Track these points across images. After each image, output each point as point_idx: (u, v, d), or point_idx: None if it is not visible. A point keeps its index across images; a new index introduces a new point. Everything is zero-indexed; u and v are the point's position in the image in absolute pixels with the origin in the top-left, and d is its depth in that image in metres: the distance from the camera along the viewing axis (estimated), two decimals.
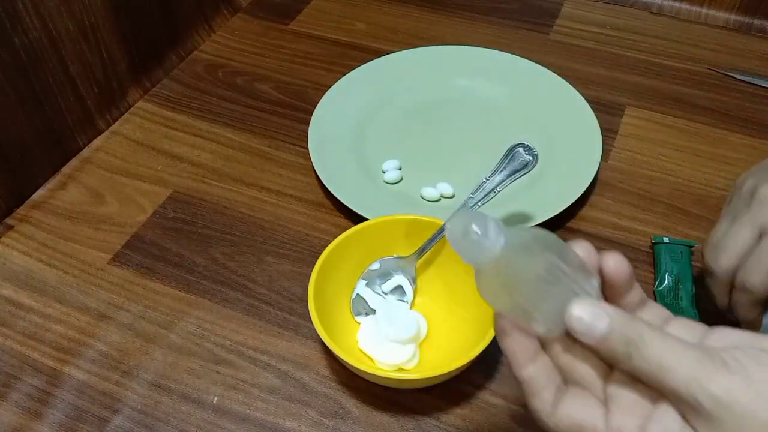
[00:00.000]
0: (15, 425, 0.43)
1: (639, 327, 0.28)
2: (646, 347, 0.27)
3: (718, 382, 0.25)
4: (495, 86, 0.66)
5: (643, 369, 0.27)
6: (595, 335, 0.28)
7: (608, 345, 0.28)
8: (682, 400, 0.26)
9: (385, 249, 0.48)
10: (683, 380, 0.26)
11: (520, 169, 0.50)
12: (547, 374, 0.30)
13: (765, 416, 0.24)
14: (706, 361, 0.26)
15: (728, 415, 0.25)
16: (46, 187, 0.59)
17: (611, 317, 0.28)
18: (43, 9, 0.55)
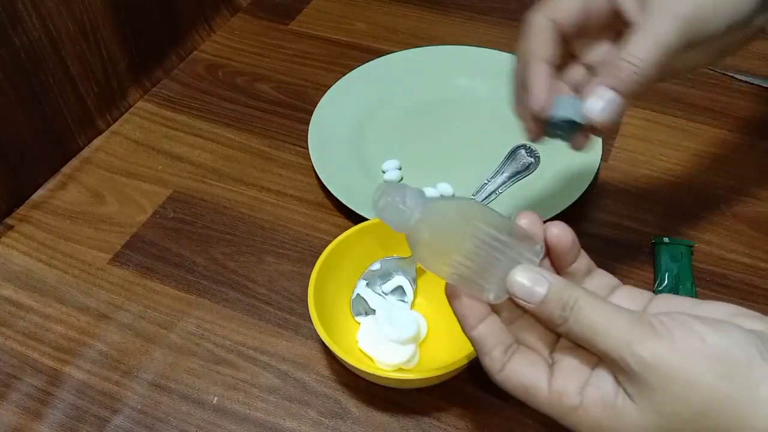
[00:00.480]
0: (15, 425, 0.43)
1: (575, 292, 0.29)
2: (581, 312, 0.29)
3: (645, 345, 0.27)
4: (495, 86, 0.66)
5: (578, 333, 0.29)
6: (534, 299, 0.30)
7: (546, 309, 0.29)
8: (613, 363, 0.28)
9: (385, 249, 0.48)
10: (613, 343, 0.27)
11: (522, 171, 0.50)
12: (496, 335, 0.31)
13: (686, 377, 0.26)
14: (636, 326, 0.27)
15: (654, 376, 0.26)
16: (46, 187, 0.59)
17: (550, 282, 0.30)
18: (43, 9, 0.55)
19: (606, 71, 0.34)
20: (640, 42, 0.33)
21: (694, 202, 0.56)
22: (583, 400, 0.28)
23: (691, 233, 0.53)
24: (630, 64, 0.33)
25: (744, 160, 0.60)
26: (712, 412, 0.26)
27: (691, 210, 0.55)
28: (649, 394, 0.27)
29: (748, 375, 0.26)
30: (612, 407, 0.28)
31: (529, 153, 0.53)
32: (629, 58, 0.33)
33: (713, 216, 0.55)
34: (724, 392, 0.26)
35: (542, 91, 0.35)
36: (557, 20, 0.35)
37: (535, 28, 0.35)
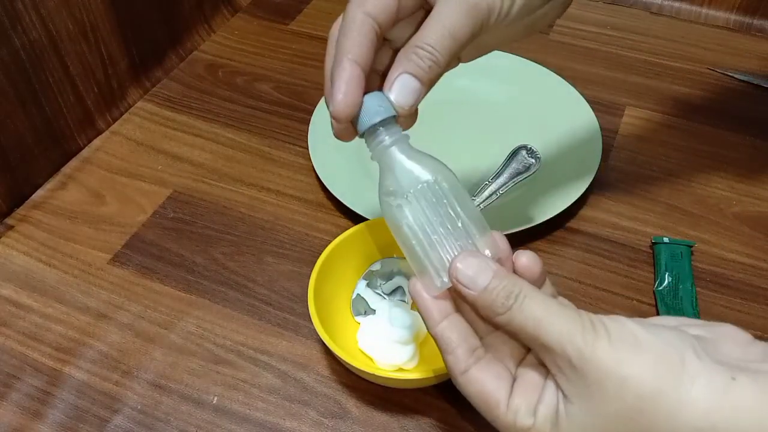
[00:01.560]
0: (15, 425, 0.43)
1: (521, 283, 0.30)
2: (526, 301, 0.29)
3: (585, 340, 0.27)
4: (495, 86, 0.66)
5: (520, 323, 0.29)
6: (478, 286, 0.30)
7: (490, 296, 0.29)
8: (553, 358, 0.28)
9: (386, 249, 0.48)
10: (557, 336, 0.28)
11: (523, 172, 0.50)
12: (461, 333, 0.31)
13: (620, 373, 0.26)
14: (578, 321, 0.28)
15: (592, 371, 0.27)
16: (46, 187, 0.59)
17: (495, 271, 0.30)
18: (43, 9, 0.55)
19: (405, 59, 0.33)
20: (432, 29, 0.33)
21: (694, 202, 0.56)
22: (536, 422, 0.29)
23: (691, 233, 0.53)
24: (425, 51, 0.33)
25: (744, 160, 0.60)
26: (646, 410, 0.26)
27: (691, 210, 0.55)
28: (587, 393, 0.27)
29: (681, 372, 0.26)
30: (555, 423, 0.28)
31: (530, 154, 0.53)
32: (424, 46, 0.33)
33: (713, 216, 0.55)
34: (655, 389, 0.26)
35: (346, 96, 0.33)
36: (375, 16, 0.33)
37: (352, 23, 0.33)
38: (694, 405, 0.26)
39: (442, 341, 0.32)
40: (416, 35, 0.34)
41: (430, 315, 0.32)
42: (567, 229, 0.54)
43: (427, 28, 0.34)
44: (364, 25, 0.33)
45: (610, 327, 0.28)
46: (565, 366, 0.28)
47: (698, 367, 0.26)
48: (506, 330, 0.30)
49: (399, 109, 0.34)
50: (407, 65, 0.33)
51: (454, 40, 0.33)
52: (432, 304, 0.32)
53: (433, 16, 0.34)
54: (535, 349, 0.30)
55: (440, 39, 0.33)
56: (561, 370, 0.28)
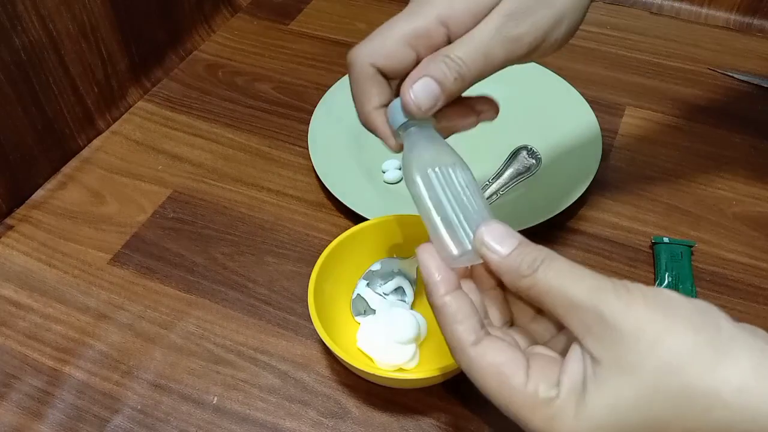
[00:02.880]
0: (15, 425, 0.43)
1: (546, 250, 0.29)
2: (552, 263, 0.28)
3: (618, 295, 0.26)
4: (495, 86, 0.66)
5: (547, 284, 0.27)
6: (504, 249, 0.29)
7: (516, 259, 0.29)
8: (583, 312, 0.26)
9: (386, 249, 0.48)
10: (586, 291, 0.26)
11: (524, 172, 0.50)
12: (470, 306, 0.30)
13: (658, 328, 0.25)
14: (607, 280, 0.27)
15: (627, 324, 0.25)
16: (46, 187, 0.59)
17: (521, 238, 0.30)
18: (43, 9, 0.55)
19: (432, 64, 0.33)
20: (467, 45, 0.33)
21: (694, 202, 0.56)
22: (560, 393, 0.27)
23: (691, 233, 0.53)
24: (454, 62, 0.33)
25: (744, 160, 0.60)
26: (683, 367, 0.25)
27: (691, 210, 0.55)
28: (620, 351, 0.25)
29: (717, 333, 0.25)
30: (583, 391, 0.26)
31: (530, 154, 0.53)
32: (454, 57, 0.33)
33: (713, 216, 0.55)
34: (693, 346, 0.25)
35: (390, 139, 0.36)
36: (382, 68, 0.34)
37: (361, 77, 0.35)
38: (735, 365, 0.24)
39: (450, 309, 0.29)
40: (449, 45, 0.33)
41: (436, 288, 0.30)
42: (567, 229, 0.54)
43: (462, 42, 0.33)
44: (376, 76, 0.34)
45: (643, 288, 0.27)
46: (596, 323, 0.26)
47: (734, 331, 0.25)
48: (529, 295, 0.28)
49: (414, 109, 0.33)
50: (433, 70, 0.33)
51: (486, 63, 0.33)
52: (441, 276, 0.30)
53: (471, 34, 0.33)
54: (561, 312, 0.27)
55: (473, 56, 0.33)
56: (590, 330, 0.26)
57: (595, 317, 0.26)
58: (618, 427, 0.26)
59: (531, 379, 0.27)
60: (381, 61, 0.34)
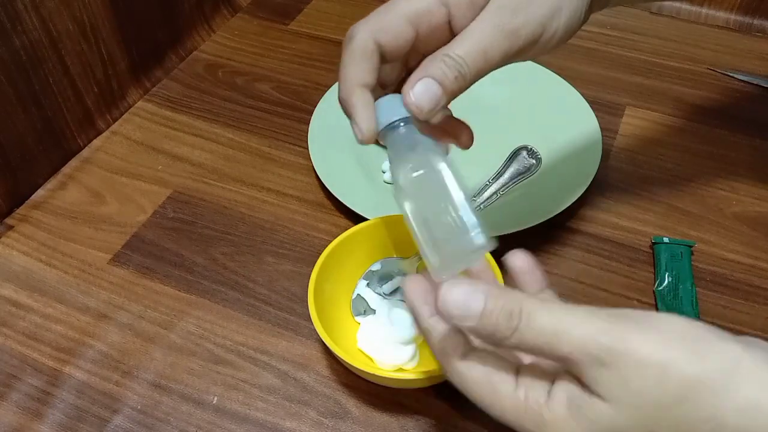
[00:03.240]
0: (15, 425, 0.43)
1: (519, 297, 0.27)
2: (532, 315, 0.26)
3: (612, 334, 0.25)
4: (495, 86, 0.66)
5: (532, 339, 0.26)
6: (472, 314, 0.27)
7: (490, 322, 0.27)
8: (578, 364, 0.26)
9: (386, 249, 0.48)
10: (578, 340, 0.25)
11: (524, 172, 0.50)
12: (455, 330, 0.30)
13: (660, 359, 0.25)
14: (595, 320, 0.26)
15: (627, 363, 0.25)
16: (46, 187, 0.59)
17: (485, 293, 0.27)
18: (43, 9, 0.55)
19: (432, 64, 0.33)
20: (466, 42, 0.32)
21: (694, 202, 0.56)
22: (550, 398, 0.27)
23: (691, 233, 0.53)
24: (454, 61, 0.32)
25: (744, 160, 0.60)
26: (691, 396, 0.24)
27: (691, 210, 0.55)
28: (623, 386, 0.25)
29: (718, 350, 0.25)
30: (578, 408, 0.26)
31: (530, 154, 0.53)
32: (454, 56, 0.32)
33: (713, 216, 0.55)
34: (700, 372, 0.25)
35: (365, 121, 0.34)
36: (383, 44, 0.33)
37: (358, 50, 0.33)
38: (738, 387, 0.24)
39: (436, 331, 0.30)
40: (448, 45, 0.33)
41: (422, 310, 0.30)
42: (567, 229, 0.54)
43: (460, 40, 0.33)
44: (374, 54, 0.33)
45: (634, 315, 0.26)
46: (595, 369, 0.25)
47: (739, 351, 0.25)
48: (522, 350, 0.28)
49: (416, 110, 0.33)
50: (433, 70, 0.32)
51: (485, 60, 0.33)
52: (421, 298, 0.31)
53: (469, 31, 0.33)
54: (556, 362, 0.27)
55: (472, 54, 0.32)
56: (591, 377, 0.26)
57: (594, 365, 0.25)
58: None
59: (520, 385, 0.27)
60: (383, 36, 0.33)
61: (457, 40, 0.33)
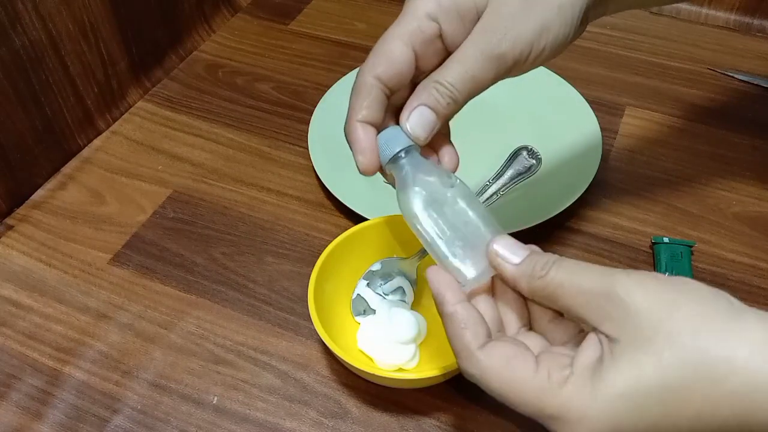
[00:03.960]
0: (15, 425, 0.43)
1: (554, 255, 0.31)
2: (564, 262, 0.30)
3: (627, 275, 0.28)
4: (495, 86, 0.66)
5: (560, 280, 0.29)
6: (517, 258, 0.31)
7: (528, 266, 0.31)
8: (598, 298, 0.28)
9: (386, 249, 0.48)
10: (598, 279, 0.28)
11: (524, 173, 0.50)
12: (477, 315, 0.31)
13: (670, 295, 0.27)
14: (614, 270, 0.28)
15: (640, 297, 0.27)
16: (46, 187, 0.59)
17: (531, 248, 0.32)
18: (43, 9, 0.55)
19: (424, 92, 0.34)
20: (455, 69, 0.34)
21: (694, 202, 0.56)
22: (573, 371, 0.28)
23: (691, 233, 0.53)
24: (445, 88, 0.34)
25: (744, 160, 0.60)
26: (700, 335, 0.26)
27: (691, 210, 0.55)
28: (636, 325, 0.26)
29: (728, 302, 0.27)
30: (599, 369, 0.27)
31: (530, 155, 0.53)
32: (444, 83, 0.34)
33: (713, 216, 0.55)
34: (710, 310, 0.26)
35: (366, 155, 0.36)
36: (380, 76, 0.34)
37: (357, 87, 0.35)
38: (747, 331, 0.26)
39: (457, 317, 0.31)
40: (438, 70, 0.34)
41: (446, 298, 0.31)
42: (567, 229, 0.54)
43: (449, 66, 0.34)
44: (373, 88, 0.35)
45: (651, 273, 0.28)
46: (611, 304, 0.27)
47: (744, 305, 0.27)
48: (545, 295, 0.30)
49: (414, 139, 0.35)
50: (426, 98, 0.34)
51: (474, 84, 0.34)
52: (449, 288, 0.32)
53: (457, 57, 0.34)
54: (576, 303, 0.29)
55: (461, 79, 0.34)
56: (606, 312, 0.27)
57: (610, 298, 0.27)
58: (637, 403, 0.26)
59: (541, 366, 0.28)
60: (379, 68, 0.34)
61: (447, 65, 0.34)
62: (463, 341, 0.30)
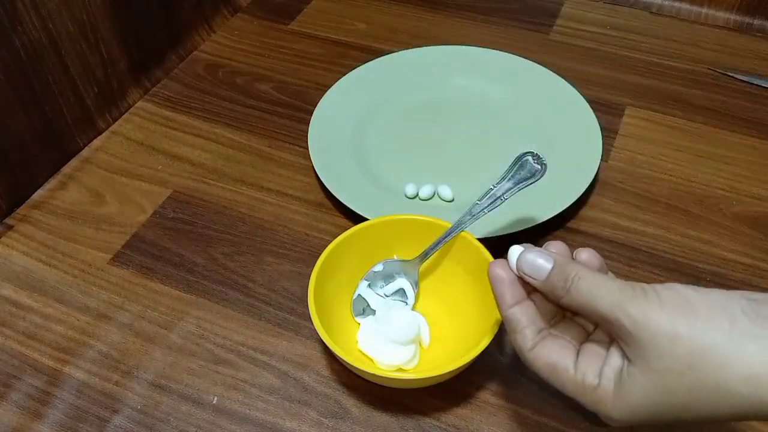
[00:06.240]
0: (15, 425, 0.43)
1: (575, 266, 0.33)
2: (580, 282, 0.32)
3: (635, 305, 0.30)
4: (495, 86, 0.66)
5: (578, 301, 0.32)
6: (541, 275, 0.34)
7: (551, 282, 0.33)
8: (611, 325, 0.31)
9: (386, 249, 0.48)
10: (608, 306, 0.31)
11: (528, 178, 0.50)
12: (530, 315, 0.35)
13: (671, 331, 0.29)
14: (627, 290, 0.31)
15: (644, 333, 0.29)
16: (46, 187, 0.59)
17: (555, 259, 0.34)
18: (43, 9, 0.55)
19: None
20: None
21: (694, 202, 0.56)
22: (601, 380, 0.31)
23: (691, 233, 0.53)
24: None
25: (744, 160, 0.60)
26: (697, 364, 0.28)
27: (691, 210, 0.55)
28: (644, 354, 0.29)
29: (729, 329, 0.28)
30: (620, 382, 0.31)
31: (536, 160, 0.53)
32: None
33: (713, 216, 0.55)
34: (705, 344, 0.28)
35: None
36: None
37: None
38: (743, 357, 0.27)
39: (512, 322, 0.35)
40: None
41: (503, 300, 0.35)
42: (567, 229, 0.54)
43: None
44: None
45: (662, 293, 0.30)
46: (623, 332, 0.30)
47: (747, 324, 0.28)
48: (573, 310, 0.34)
49: None
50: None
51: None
52: (507, 289, 0.35)
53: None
54: (597, 321, 0.33)
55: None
56: (620, 337, 0.31)
57: (621, 327, 0.30)
58: (650, 409, 0.30)
59: (578, 370, 0.32)
60: None
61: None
62: (516, 343, 0.35)
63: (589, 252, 0.35)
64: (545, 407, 0.43)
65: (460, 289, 0.46)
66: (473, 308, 0.44)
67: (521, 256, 0.35)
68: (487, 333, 0.40)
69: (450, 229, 0.45)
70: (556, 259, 0.34)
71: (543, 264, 0.34)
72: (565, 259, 0.34)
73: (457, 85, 0.67)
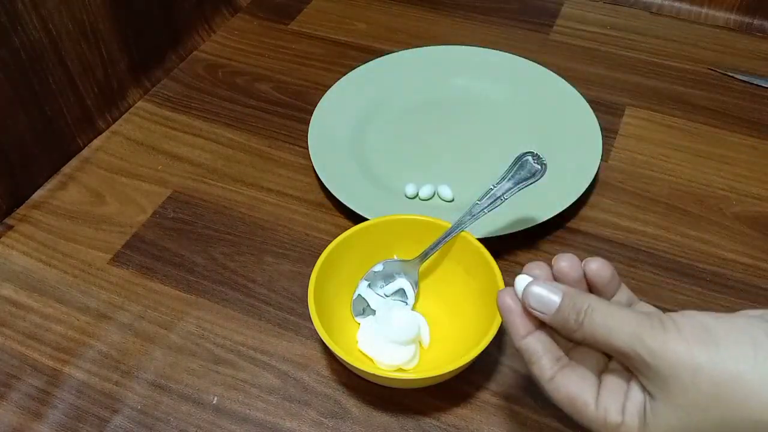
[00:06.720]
0: (15, 425, 0.43)
1: (587, 298, 0.31)
2: (594, 314, 0.30)
3: (654, 337, 0.28)
4: (495, 86, 0.66)
5: (593, 335, 0.30)
6: (550, 309, 0.31)
7: (561, 316, 0.31)
8: (629, 360, 0.29)
9: (386, 249, 0.48)
10: (626, 339, 0.29)
11: (528, 178, 0.50)
12: (545, 344, 0.33)
13: (692, 363, 0.27)
14: (645, 322, 0.29)
15: (665, 366, 0.28)
16: (46, 187, 0.59)
17: (563, 291, 0.32)
18: (43, 9, 0.55)
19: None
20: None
21: (694, 202, 0.56)
22: (624, 418, 0.30)
23: (691, 233, 0.53)
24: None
25: (744, 160, 0.60)
26: (723, 396, 0.27)
27: (691, 210, 0.55)
28: (666, 388, 0.28)
29: (753, 356, 0.27)
30: (644, 419, 0.29)
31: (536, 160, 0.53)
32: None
33: (713, 216, 0.55)
34: (730, 374, 0.26)
35: None
36: None
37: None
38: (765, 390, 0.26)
39: (527, 353, 0.33)
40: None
41: (516, 331, 0.33)
42: (567, 229, 0.54)
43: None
44: None
45: (679, 321, 0.28)
46: (642, 366, 0.28)
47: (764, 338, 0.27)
48: (587, 344, 0.31)
49: None
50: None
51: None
52: (519, 319, 0.33)
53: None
54: (614, 355, 0.31)
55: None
56: (639, 371, 0.29)
57: (640, 361, 0.28)
58: None
59: (600, 406, 0.30)
60: None
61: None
62: (534, 373, 0.33)
63: (599, 261, 0.33)
64: (545, 407, 0.43)
65: (460, 289, 0.46)
66: (473, 308, 0.44)
67: (527, 289, 0.32)
68: (487, 333, 0.40)
69: (450, 229, 0.45)
70: (565, 291, 0.32)
71: (551, 297, 0.32)
72: (575, 291, 0.32)
73: (457, 85, 0.67)
